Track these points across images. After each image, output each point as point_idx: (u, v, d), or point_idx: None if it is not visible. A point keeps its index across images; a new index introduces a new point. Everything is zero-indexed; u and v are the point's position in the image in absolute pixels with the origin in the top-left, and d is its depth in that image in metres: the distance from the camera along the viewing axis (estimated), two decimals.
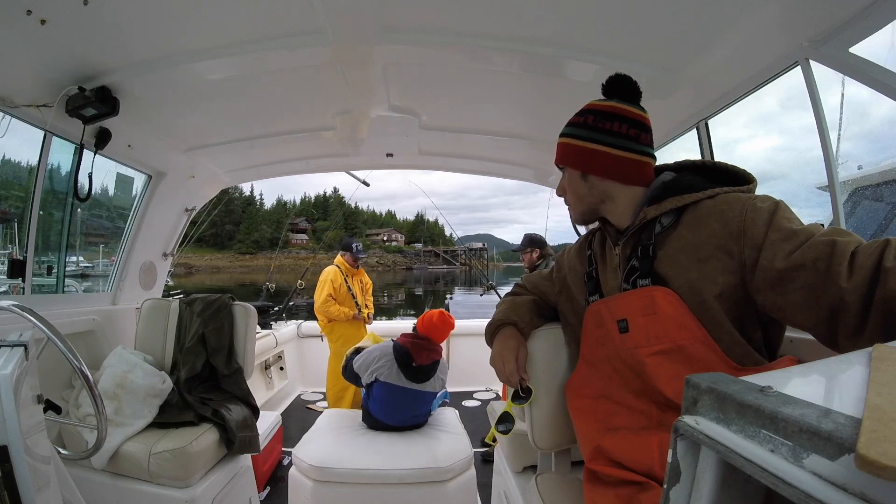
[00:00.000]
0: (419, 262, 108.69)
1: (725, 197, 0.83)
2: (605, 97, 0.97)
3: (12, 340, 0.89)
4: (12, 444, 0.71)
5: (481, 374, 4.06)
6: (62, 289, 2.20)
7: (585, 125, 0.95)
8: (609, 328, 0.94)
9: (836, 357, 0.47)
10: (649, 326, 0.86)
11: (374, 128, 2.32)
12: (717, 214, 0.82)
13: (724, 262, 0.79)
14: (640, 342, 0.87)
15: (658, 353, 0.84)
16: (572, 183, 0.99)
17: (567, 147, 0.97)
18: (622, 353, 0.91)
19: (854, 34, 1.08)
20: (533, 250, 3.30)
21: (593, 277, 1.03)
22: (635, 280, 0.89)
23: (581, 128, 0.95)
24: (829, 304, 0.67)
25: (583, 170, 0.96)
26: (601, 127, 0.93)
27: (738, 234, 0.78)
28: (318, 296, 3.59)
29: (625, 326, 0.90)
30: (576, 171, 0.97)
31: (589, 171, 0.95)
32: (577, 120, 0.97)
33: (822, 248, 0.69)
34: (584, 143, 0.94)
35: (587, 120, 0.95)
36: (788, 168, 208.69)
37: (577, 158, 0.96)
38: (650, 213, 0.88)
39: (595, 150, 0.93)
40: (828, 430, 0.28)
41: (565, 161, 0.99)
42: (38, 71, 1.55)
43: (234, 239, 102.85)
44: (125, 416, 1.68)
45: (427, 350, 2.01)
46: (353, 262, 3.71)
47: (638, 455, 0.84)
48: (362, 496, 1.67)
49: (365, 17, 1.37)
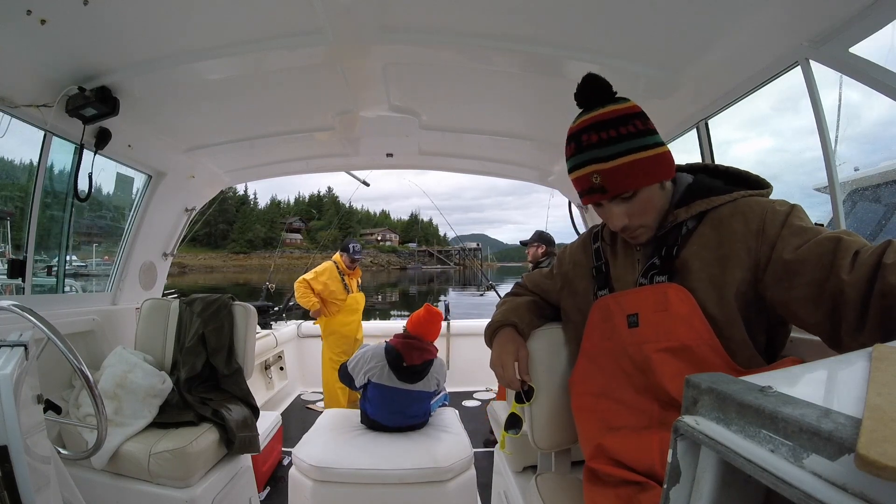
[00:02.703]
0: (413, 262, 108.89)
1: (747, 200, 0.85)
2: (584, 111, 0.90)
3: (12, 340, 0.89)
4: (12, 444, 0.71)
5: (481, 374, 4.06)
6: (62, 289, 2.20)
7: (627, 136, 0.84)
8: (616, 322, 0.93)
9: (837, 357, 0.47)
10: (660, 323, 0.86)
11: (374, 128, 2.32)
12: (740, 216, 0.83)
13: (743, 259, 0.81)
14: (649, 338, 0.87)
15: (665, 350, 0.85)
16: (653, 199, 0.88)
17: (638, 165, 0.84)
18: (629, 349, 0.91)
19: (854, 34, 1.08)
20: (539, 245, 3.32)
21: (602, 272, 1.02)
22: (653, 276, 0.90)
23: (627, 140, 0.84)
24: (832, 298, 0.68)
25: (663, 178, 0.88)
26: (635, 130, 0.85)
27: (757, 233, 0.80)
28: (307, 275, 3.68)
29: (635, 321, 0.90)
30: (655, 183, 0.87)
31: (665, 177, 0.88)
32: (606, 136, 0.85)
33: (828, 244, 0.71)
34: (647, 153, 0.85)
35: (617, 132, 0.84)
36: (780, 170, 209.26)
37: (654, 170, 0.86)
38: (681, 215, 0.88)
39: (662, 154, 0.87)
40: (828, 430, 0.28)
41: (643, 179, 0.85)
42: (38, 71, 1.55)
43: (227, 238, 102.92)
44: (125, 416, 1.68)
45: (418, 350, 2.00)
46: (350, 263, 3.74)
47: (639, 454, 0.84)
48: (362, 496, 1.67)
49: (365, 17, 1.37)
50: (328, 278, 3.64)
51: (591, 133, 0.86)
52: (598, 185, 0.85)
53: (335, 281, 3.66)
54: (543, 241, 3.35)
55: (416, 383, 1.98)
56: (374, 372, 1.96)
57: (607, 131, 0.85)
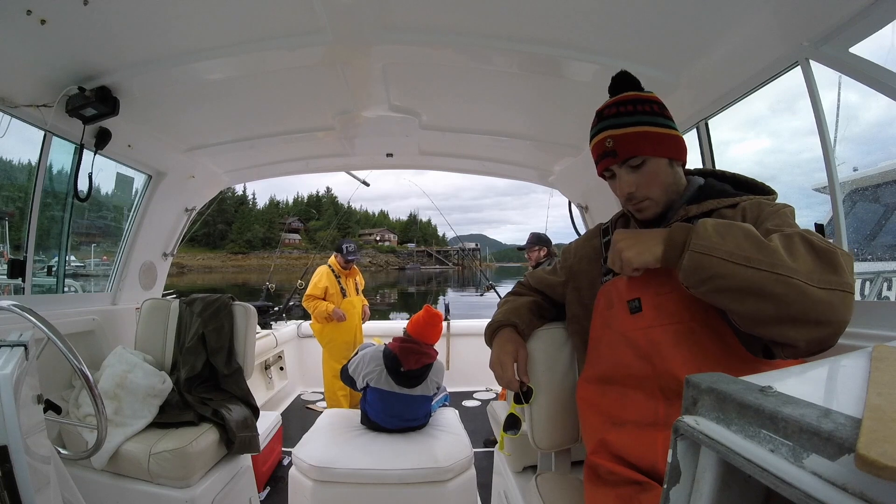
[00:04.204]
0: (412, 263, 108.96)
1: (750, 202, 0.89)
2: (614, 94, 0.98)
3: (12, 340, 0.89)
4: (12, 444, 0.71)
5: (481, 374, 4.06)
6: (62, 289, 2.20)
7: (641, 112, 0.90)
8: (618, 309, 0.93)
9: (836, 357, 0.47)
10: (663, 305, 0.86)
11: (373, 128, 2.32)
12: (740, 213, 0.87)
13: None
14: (653, 321, 0.87)
15: (673, 333, 0.84)
16: (660, 173, 0.91)
17: (649, 135, 0.89)
18: (631, 334, 0.90)
19: (854, 34, 1.08)
20: (540, 248, 3.34)
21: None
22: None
23: (647, 115, 0.90)
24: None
25: (672, 156, 0.92)
26: (650, 110, 0.90)
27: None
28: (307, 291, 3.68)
29: (637, 306, 0.90)
30: (663, 158, 0.91)
31: (674, 156, 0.92)
32: (623, 109, 0.91)
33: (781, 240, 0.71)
34: (658, 129, 0.90)
35: (643, 107, 0.91)
36: (777, 170, 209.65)
37: (663, 145, 0.90)
38: (692, 211, 0.91)
39: (674, 136, 0.92)
40: (828, 430, 0.28)
41: (650, 149, 0.90)
42: (38, 71, 1.55)
43: (226, 238, 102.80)
44: (125, 416, 1.68)
45: (416, 354, 1.95)
46: (344, 263, 3.73)
47: (642, 452, 0.83)
48: (362, 496, 1.67)
49: (365, 17, 1.37)
50: (326, 282, 3.63)
51: (612, 108, 0.94)
52: (611, 148, 0.91)
53: (332, 284, 3.65)
54: (542, 242, 3.35)
55: (415, 388, 1.95)
56: (372, 376, 1.95)
57: (625, 106, 0.92)
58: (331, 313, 3.52)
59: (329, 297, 3.62)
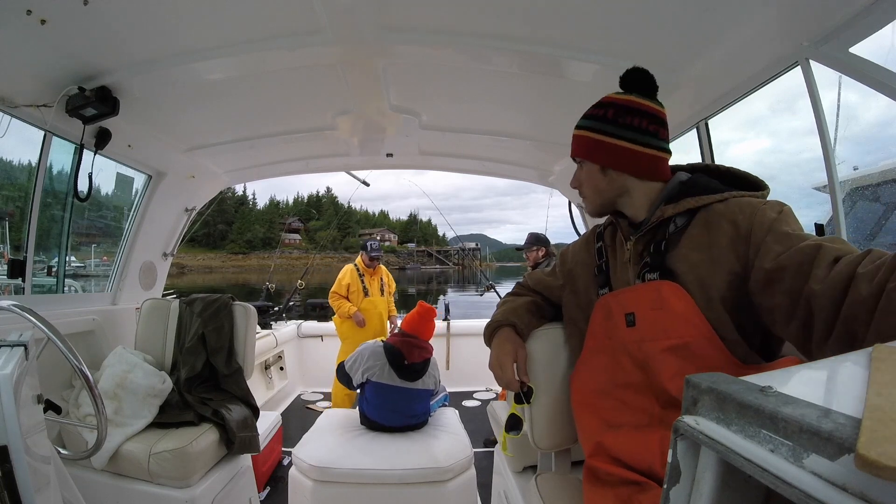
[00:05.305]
0: (412, 262, 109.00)
1: (738, 201, 0.84)
2: (622, 90, 0.97)
3: (12, 340, 0.89)
4: (12, 444, 0.71)
5: (481, 374, 4.06)
6: (62, 289, 2.20)
7: (605, 118, 0.94)
8: (616, 321, 0.94)
9: (837, 357, 0.47)
10: (657, 321, 0.86)
11: (373, 128, 2.32)
12: (729, 217, 0.82)
13: (732, 263, 0.80)
14: (647, 336, 0.87)
15: (665, 348, 0.85)
16: (591, 176, 0.98)
17: (587, 140, 0.96)
18: (628, 346, 0.91)
19: (854, 34, 1.09)
20: (539, 249, 3.33)
21: (603, 270, 1.03)
22: (644, 274, 0.90)
23: (601, 121, 0.94)
24: (806, 307, 0.67)
25: (603, 164, 0.95)
26: (622, 122, 0.92)
27: (745, 236, 0.79)
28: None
29: (632, 320, 0.90)
30: (595, 164, 0.96)
31: (609, 165, 0.95)
32: (595, 112, 0.96)
33: (808, 252, 0.69)
34: (604, 138, 0.93)
35: (607, 113, 0.94)
36: (777, 170, 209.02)
37: (598, 152, 0.95)
38: (667, 211, 0.89)
39: (616, 146, 0.93)
40: (828, 430, 0.28)
41: (584, 154, 0.98)
42: (38, 71, 1.55)
43: (226, 239, 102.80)
44: (125, 416, 1.68)
45: (417, 348, 2.02)
46: (368, 261, 3.82)
47: (639, 453, 0.84)
48: (362, 496, 1.67)
49: (365, 17, 1.37)
50: (349, 280, 3.74)
51: (598, 108, 0.97)
52: (573, 144, 1.01)
53: (355, 282, 3.74)
54: (541, 242, 3.35)
55: (416, 381, 1.99)
56: (373, 371, 1.96)
57: (605, 110, 0.95)
58: (352, 315, 3.61)
59: (351, 294, 3.71)
